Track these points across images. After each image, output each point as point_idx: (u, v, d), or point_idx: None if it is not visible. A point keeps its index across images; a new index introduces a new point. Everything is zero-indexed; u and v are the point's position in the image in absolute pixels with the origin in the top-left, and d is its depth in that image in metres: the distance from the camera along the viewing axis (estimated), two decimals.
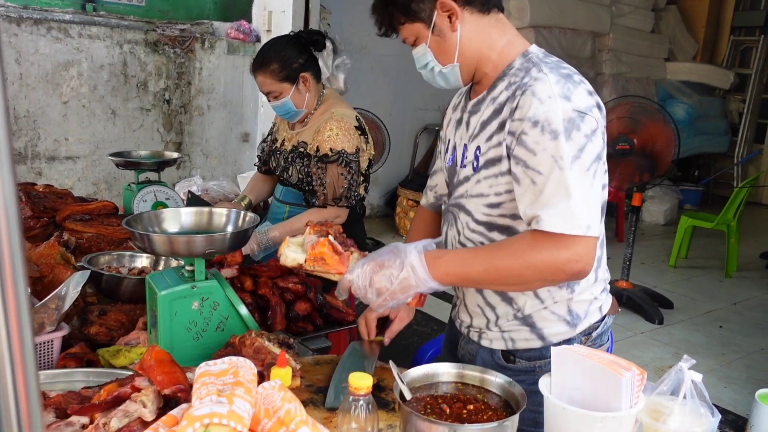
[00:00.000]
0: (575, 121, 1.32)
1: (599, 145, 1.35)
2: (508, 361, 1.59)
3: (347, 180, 2.41)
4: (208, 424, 0.86)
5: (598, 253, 1.48)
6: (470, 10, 1.47)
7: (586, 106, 1.35)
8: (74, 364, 1.53)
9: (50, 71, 4.46)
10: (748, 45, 9.64)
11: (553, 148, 1.31)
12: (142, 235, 1.47)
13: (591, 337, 1.60)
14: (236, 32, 5.31)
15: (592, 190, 1.33)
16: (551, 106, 1.33)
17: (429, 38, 1.50)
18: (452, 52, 1.50)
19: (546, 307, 1.53)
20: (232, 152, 5.53)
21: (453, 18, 1.46)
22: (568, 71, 1.41)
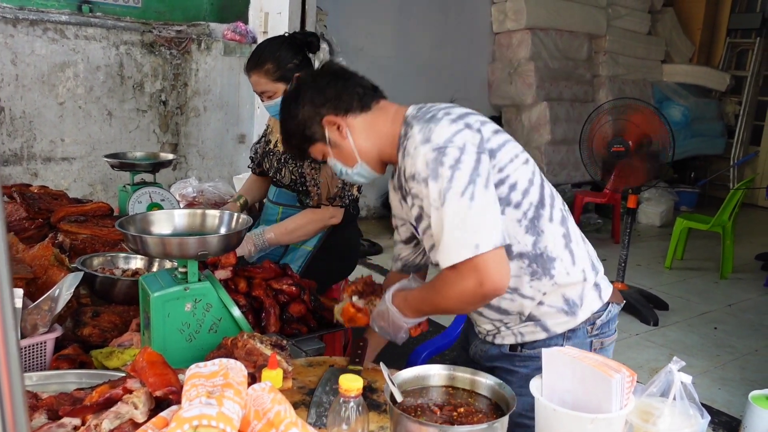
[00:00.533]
0: (437, 159, 1.45)
1: (471, 164, 1.44)
2: (514, 351, 1.68)
3: (341, 180, 2.41)
4: (197, 426, 0.86)
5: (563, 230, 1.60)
6: (352, 115, 1.66)
7: (445, 139, 1.47)
8: (67, 365, 1.53)
9: (46, 72, 4.45)
10: (744, 47, 9.66)
11: (427, 194, 1.47)
12: (134, 237, 1.48)
13: (596, 326, 1.64)
14: (233, 33, 5.31)
15: (472, 210, 1.41)
16: (416, 156, 1.49)
17: (330, 151, 1.70)
18: (352, 155, 1.68)
19: (540, 302, 1.60)
20: (228, 154, 5.52)
21: (341, 128, 1.65)
22: (433, 113, 1.55)
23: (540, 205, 1.56)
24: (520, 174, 1.55)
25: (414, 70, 7.28)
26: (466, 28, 7.64)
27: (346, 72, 1.73)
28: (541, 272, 1.57)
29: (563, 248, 1.60)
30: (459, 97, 7.61)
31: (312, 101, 1.66)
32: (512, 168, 1.54)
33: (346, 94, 1.67)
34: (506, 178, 1.53)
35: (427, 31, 7.26)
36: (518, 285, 1.59)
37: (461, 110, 1.57)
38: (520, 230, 1.55)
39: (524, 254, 1.56)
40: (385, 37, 7.00)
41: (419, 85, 7.35)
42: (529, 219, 1.55)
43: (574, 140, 6.90)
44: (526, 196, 1.54)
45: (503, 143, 1.55)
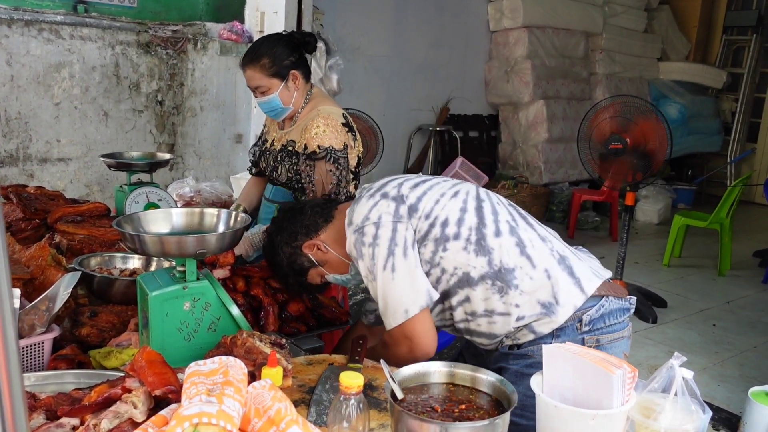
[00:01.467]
0: (358, 240, 1.64)
1: (386, 237, 1.60)
2: (511, 350, 1.70)
3: (336, 176, 2.40)
4: (197, 424, 0.86)
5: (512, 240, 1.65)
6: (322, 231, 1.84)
7: (363, 217, 1.64)
8: (65, 365, 1.52)
9: (42, 73, 4.44)
10: (740, 44, 9.67)
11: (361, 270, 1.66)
12: (132, 236, 1.47)
13: (584, 321, 1.62)
14: (229, 33, 5.30)
15: (395, 281, 1.58)
16: (347, 239, 1.68)
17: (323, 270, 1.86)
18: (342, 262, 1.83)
19: (519, 316, 1.63)
20: (225, 153, 5.51)
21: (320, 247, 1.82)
22: (359, 193, 1.72)
23: (481, 225, 1.64)
24: (450, 209, 1.65)
25: (411, 69, 7.27)
26: (463, 27, 7.64)
27: (298, 203, 1.94)
28: (506, 286, 1.61)
29: (519, 256, 1.63)
30: (456, 96, 7.62)
31: (286, 242, 1.83)
32: (439, 208, 1.65)
33: (307, 218, 1.83)
34: (435, 220, 1.63)
35: (423, 29, 7.25)
36: (492, 306, 1.63)
37: (384, 180, 1.73)
38: (470, 256, 1.61)
39: (485, 276, 1.61)
40: (382, 36, 7.00)
41: (416, 84, 7.35)
42: (473, 243, 1.62)
43: (572, 138, 6.91)
44: (462, 224, 1.63)
45: (424, 192, 1.68)
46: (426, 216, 1.63)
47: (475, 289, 1.62)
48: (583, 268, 1.69)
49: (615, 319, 1.68)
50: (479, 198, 1.71)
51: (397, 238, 1.59)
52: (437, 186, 1.72)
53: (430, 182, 1.74)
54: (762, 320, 4.95)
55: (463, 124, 7.79)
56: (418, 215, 1.63)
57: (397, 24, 7.05)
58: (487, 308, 1.63)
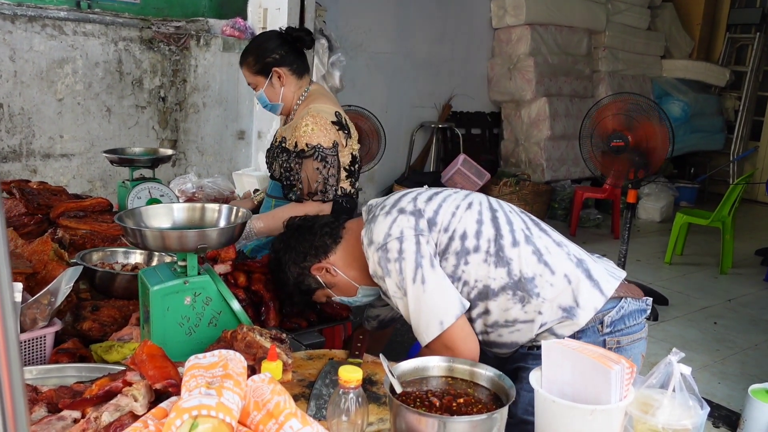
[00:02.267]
0: (383, 257, 1.60)
1: (412, 251, 1.58)
2: (531, 350, 1.68)
3: (322, 174, 2.41)
4: (197, 416, 0.86)
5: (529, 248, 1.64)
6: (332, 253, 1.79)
7: (384, 234, 1.61)
8: (67, 359, 1.53)
9: (45, 69, 4.45)
10: (743, 42, 9.65)
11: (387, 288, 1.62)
12: (134, 231, 1.48)
13: (605, 323, 1.62)
14: (231, 29, 5.30)
15: (426, 293, 1.55)
16: (370, 259, 1.65)
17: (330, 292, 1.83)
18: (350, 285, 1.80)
19: (541, 324, 1.61)
20: (228, 150, 5.52)
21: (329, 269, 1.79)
22: (374, 213, 1.70)
23: (498, 237, 1.63)
24: (467, 222, 1.63)
25: (413, 66, 7.27)
26: (466, 24, 7.63)
27: (308, 221, 1.87)
28: (527, 296, 1.60)
29: (537, 263, 1.62)
30: (458, 93, 7.61)
31: (293, 261, 1.80)
32: (456, 221, 1.63)
33: (317, 240, 1.80)
34: (454, 233, 1.62)
35: (426, 26, 7.25)
36: (515, 316, 1.62)
37: (396, 196, 1.71)
38: (490, 268, 1.61)
39: (505, 287, 1.60)
40: (385, 33, 6.99)
41: (419, 81, 7.34)
42: (493, 254, 1.61)
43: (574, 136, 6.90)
44: (480, 236, 1.62)
45: (439, 206, 1.66)
46: (445, 229, 1.62)
47: (495, 300, 1.62)
48: (600, 269, 1.68)
49: (634, 320, 1.68)
50: (492, 208, 1.70)
51: (422, 250, 1.58)
52: (450, 198, 1.70)
53: (442, 194, 1.72)
54: (763, 318, 4.95)
55: (465, 121, 7.78)
56: (437, 228, 1.62)
57: (399, 21, 7.04)
58: (509, 318, 1.62)
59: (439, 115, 7.58)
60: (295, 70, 2.55)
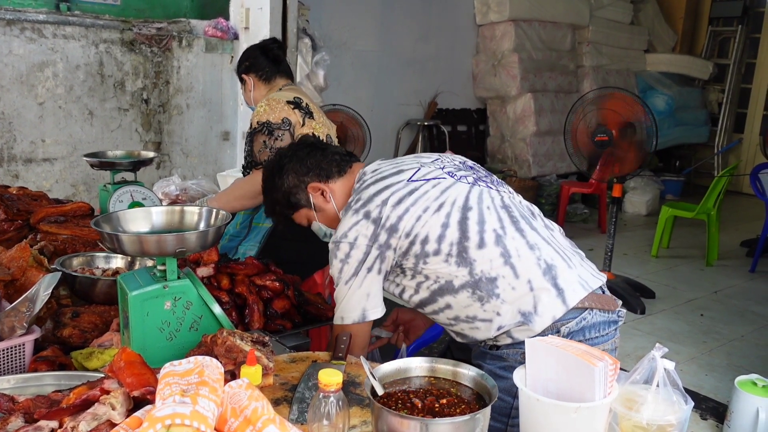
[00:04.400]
0: (332, 251, 1.70)
1: (357, 258, 1.67)
2: (491, 349, 1.71)
3: (268, 146, 2.56)
4: (170, 425, 0.85)
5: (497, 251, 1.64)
6: (332, 180, 1.85)
7: (342, 233, 1.68)
8: (46, 367, 1.51)
9: (25, 72, 4.40)
10: (726, 35, 9.71)
11: None
12: (110, 236, 1.46)
13: (561, 333, 1.61)
14: (214, 30, 5.27)
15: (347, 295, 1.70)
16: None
17: (315, 215, 1.88)
18: (335, 216, 1.83)
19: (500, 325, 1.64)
20: (213, 151, 5.48)
21: (324, 194, 1.84)
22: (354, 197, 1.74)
23: (463, 239, 1.64)
24: (431, 225, 1.65)
25: (398, 63, 7.25)
26: (450, 21, 7.62)
27: (322, 143, 1.94)
28: (487, 295, 1.62)
29: (503, 266, 1.63)
30: (444, 90, 7.61)
31: (295, 171, 1.84)
32: (419, 225, 1.65)
33: (325, 162, 1.85)
34: (415, 238, 1.65)
35: (410, 24, 7.23)
36: (474, 313, 1.65)
37: (374, 189, 1.72)
38: (451, 267, 1.64)
39: (465, 284, 1.64)
40: (369, 31, 6.97)
41: (404, 78, 7.33)
42: (454, 255, 1.64)
43: (559, 131, 6.91)
44: (442, 241, 1.64)
45: (406, 210, 1.67)
46: (406, 234, 1.66)
47: (455, 296, 1.65)
48: (571, 277, 1.65)
49: (597, 332, 1.67)
50: (466, 207, 1.68)
51: (367, 260, 1.67)
52: (423, 198, 1.69)
53: (417, 193, 1.70)
54: (749, 309, 4.98)
55: (451, 118, 7.78)
56: (398, 235, 1.66)
57: (383, 19, 7.02)
58: (469, 315, 1.66)
59: (424, 113, 7.57)
60: (262, 76, 2.82)
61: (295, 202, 1.87)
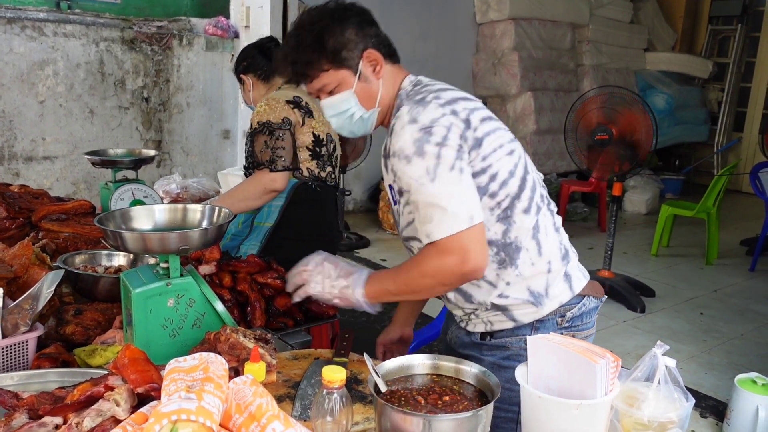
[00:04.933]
0: (423, 138, 1.45)
1: (455, 146, 1.46)
2: (483, 339, 1.68)
3: (269, 146, 2.57)
4: (176, 421, 0.85)
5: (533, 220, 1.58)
6: (387, 62, 1.65)
7: (431, 119, 1.47)
8: (49, 364, 1.51)
9: (25, 71, 4.40)
10: (725, 34, 9.72)
11: (410, 171, 1.46)
12: (114, 233, 1.46)
13: (566, 318, 1.63)
14: (214, 28, 5.28)
15: (462, 184, 1.45)
16: (402, 135, 1.48)
17: (355, 84, 1.61)
18: (375, 97, 1.63)
19: (502, 294, 1.60)
20: (213, 149, 5.49)
21: (377, 67, 1.62)
22: (424, 95, 1.54)
23: (516, 197, 1.56)
24: (502, 164, 1.53)
25: None
26: (450, 20, 7.63)
27: None
28: (508, 261, 1.57)
29: (530, 239, 1.59)
30: None
31: (360, 28, 1.61)
32: (495, 158, 1.52)
33: (388, 40, 1.67)
34: (488, 168, 1.52)
35: (410, 23, 7.24)
36: (485, 273, 1.57)
37: (452, 94, 1.55)
38: (491, 219, 1.55)
39: (493, 242, 1.56)
40: None
41: None
42: (502, 209, 1.55)
43: (559, 130, 6.92)
44: (504, 187, 1.54)
45: (490, 132, 1.53)
46: (483, 158, 1.51)
47: None
48: (576, 266, 1.69)
49: (589, 318, 1.70)
50: (526, 167, 1.61)
51: (462, 149, 1.47)
52: (499, 131, 1.56)
53: (493, 123, 1.57)
54: (749, 308, 4.99)
55: None
56: (478, 152, 1.50)
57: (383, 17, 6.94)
58: None
59: None
60: (260, 76, 2.82)
61: (342, 58, 1.58)
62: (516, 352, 1.62)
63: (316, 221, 2.73)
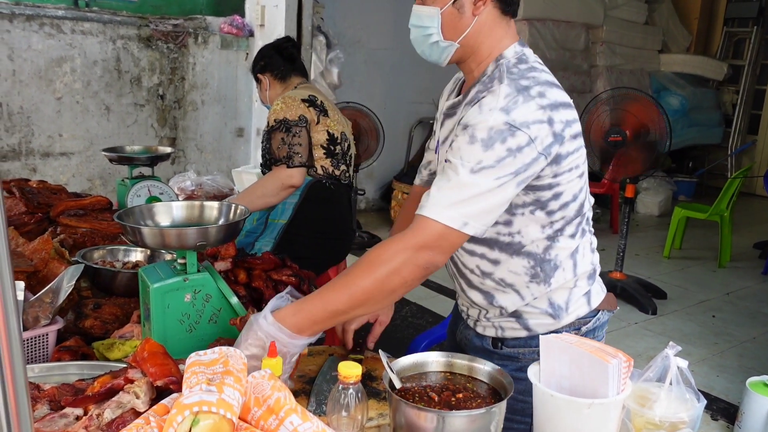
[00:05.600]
0: (503, 134, 1.34)
1: (525, 161, 1.35)
2: (495, 347, 1.65)
3: (286, 143, 2.60)
4: (198, 412, 0.87)
5: (577, 244, 1.55)
6: (494, 4, 1.49)
7: (524, 120, 1.35)
8: (69, 357, 1.54)
9: (43, 67, 4.45)
10: (741, 36, 9.66)
11: (466, 149, 1.36)
12: (133, 229, 1.49)
13: (581, 331, 1.61)
14: (229, 27, 5.31)
15: (492, 197, 1.35)
16: (486, 115, 1.36)
17: (446, 6, 1.47)
18: (460, 32, 1.49)
19: (527, 303, 1.57)
20: (227, 147, 5.53)
21: (478, 3, 1.47)
22: (530, 83, 1.41)
23: (570, 222, 1.52)
24: (570, 186, 1.47)
25: (411, 61, 7.26)
26: None
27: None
28: (542, 278, 1.54)
29: (569, 258, 1.56)
30: None
31: None
32: (566, 178, 1.46)
33: None
34: (555, 185, 1.45)
35: None
36: (516, 282, 1.55)
37: (556, 96, 1.42)
38: (539, 234, 1.51)
39: (533, 255, 1.53)
40: (382, 29, 6.99)
41: (417, 77, 7.34)
42: (553, 230, 1.51)
43: None
44: (563, 209, 1.49)
45: (573, 151, 1.45)
46: (555, 175, 1.43)
47: (513, 258, 1.52)
48: (598, 282, 1.66)
49: (601, 331, 1.68)
50: (587, 192, 1.56)
51: (530, 168, 1.37)
52: (581, 151, 1.49)
53: (578, 142, 1.48)
54: (761, 311, 4.97)
55: None
56: (552, 168, 1.42)
57: (397, 17, 7.04)
58: (508, 281, 1.56)
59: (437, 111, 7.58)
60: (277, 75, 2.86)
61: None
62: (527, 364, 1.60)
63: (330, 219, 2.76)
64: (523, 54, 1.52)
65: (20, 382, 0.65)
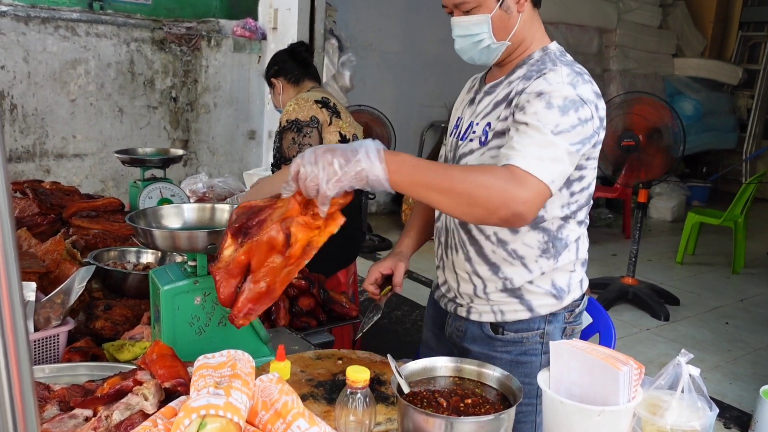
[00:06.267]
0: (576, 103, 1.43)
1: (588, 134, 1.46)
2: (497, 333, 1.67)
3: (297, 142, 2.63)
4: (205, 415, 0.87)
5: (581, 231, 1.67)
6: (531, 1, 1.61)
7: (587, 98, 1.47)
8: (79, 358, 1.55)
9: (58, 69, 4.49)
10: (756, 40, 9.58)
11: (544, 114, 1.41)
12: (144, 231, 1.49)
13: (573, 313, 1.70)
14: (242, 30, 5.33)
15: (565, 161, 1.41)
16: (558, 86, 1.45)
17: (495, 11, 1.56)
18: (510, 30, 1.58)
19: (532, 281, 1.62)
20: (239, 149, 5.55)
21: (522, 3, 1.58)
22: (581, 70, 1.54)
23: (581, 208, 1.63)
24: (590, 173, 1.59)
25: (422, 65, 7.27)
26: None
27: None
28: (553, 253, 1.61)
29: (574, 242, 1.65)
30: None
31: None
32: (591, 165, 1.58)
33: None
34: (583, 168, 1.56)
35: (435, 25, 7.23)
36: (526, 255, 1.61)
37: (596, 89, 1.54)
38: (558, 212, 1.59)
39: (547, 231, 1.60)
40: (394, 33, 7.00)
41: (427, 79, 7.34)
42: (571, 210, 1.60)
43: None
44: (582, 192, 1.60)
45: (600, 141, 1.56)
46: (587, 158, 1.55)
47: (531, 231, 1.59)
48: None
49: (582, 314, 1.80)
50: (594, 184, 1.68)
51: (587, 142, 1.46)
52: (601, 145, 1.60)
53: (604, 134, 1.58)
54: None
55: None
56: (592, 149, 1.52)
57: (409, 20, 7.05)
58: (520, 253, 1.60)
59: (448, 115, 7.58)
60: (290, 80, 2.91)
61: None
62: (532, 346, 1.66)
63: None
64: (563, 50, 1.67)
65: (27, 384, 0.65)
